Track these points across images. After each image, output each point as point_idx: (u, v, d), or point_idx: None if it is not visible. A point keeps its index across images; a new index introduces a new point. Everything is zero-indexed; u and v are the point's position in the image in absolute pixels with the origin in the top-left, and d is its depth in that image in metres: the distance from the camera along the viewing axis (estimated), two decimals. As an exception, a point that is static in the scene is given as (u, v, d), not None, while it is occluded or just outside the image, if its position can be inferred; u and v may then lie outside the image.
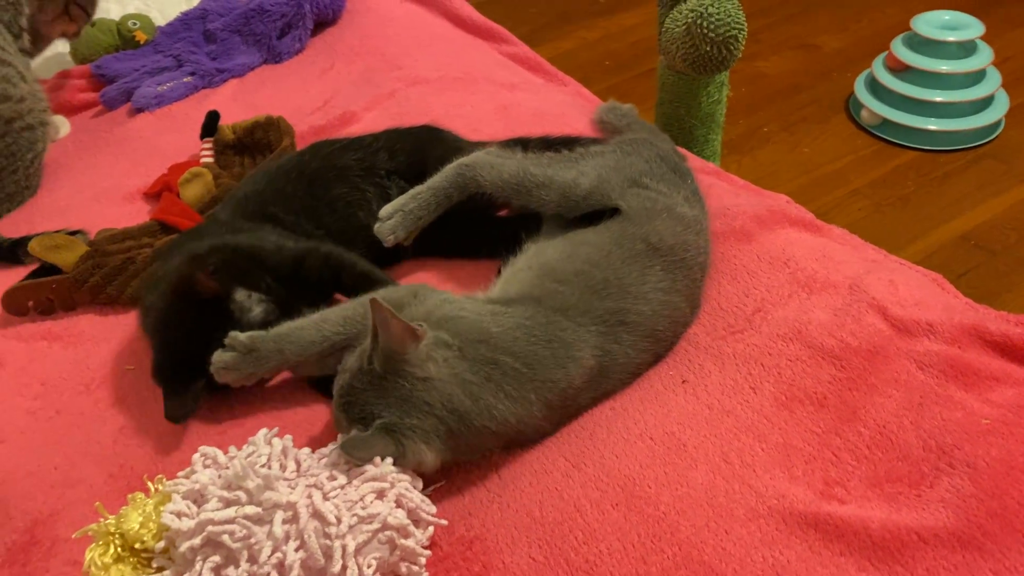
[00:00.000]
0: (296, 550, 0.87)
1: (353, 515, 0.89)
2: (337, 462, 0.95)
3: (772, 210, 1.33)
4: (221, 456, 0.96)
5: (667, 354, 1.15)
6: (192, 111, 1.78)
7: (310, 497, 0.90)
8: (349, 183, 1.34)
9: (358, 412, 0.97)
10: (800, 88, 2.69)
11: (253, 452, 0.96)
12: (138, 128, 1.79)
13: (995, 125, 2.46)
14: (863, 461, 1.00)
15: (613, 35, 3.00)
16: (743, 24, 1.68)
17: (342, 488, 0.92)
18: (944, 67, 2.40)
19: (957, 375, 1.08)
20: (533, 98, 1.72)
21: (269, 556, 0.87)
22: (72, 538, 0.99)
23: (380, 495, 0.92)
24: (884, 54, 2.53)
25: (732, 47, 1.69)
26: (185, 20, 2.00)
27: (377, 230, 1.25)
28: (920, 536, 0.92)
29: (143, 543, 0.90)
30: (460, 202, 1.26)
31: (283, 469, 0.94)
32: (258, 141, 1.60)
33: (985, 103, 2.46)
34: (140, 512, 0.91)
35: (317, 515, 0.89)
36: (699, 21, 1.66)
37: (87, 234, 1.44)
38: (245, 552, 0.87)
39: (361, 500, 0.91)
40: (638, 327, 1.10)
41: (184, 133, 1.70)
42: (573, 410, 1.08)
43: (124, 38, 2.00)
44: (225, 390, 1.11)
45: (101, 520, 0.92)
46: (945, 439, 1.01)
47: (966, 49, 2.43)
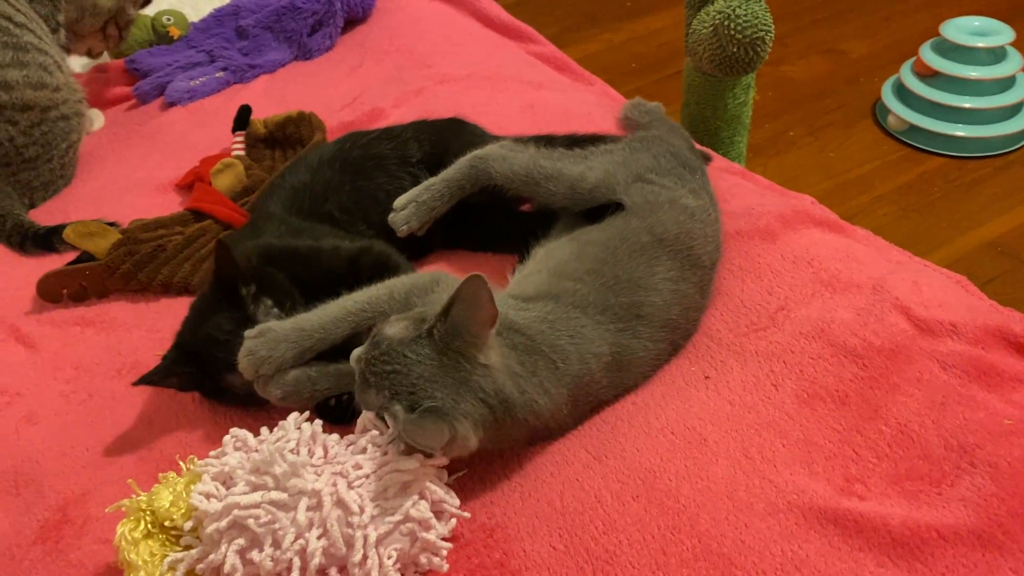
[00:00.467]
0: (319, 538, 0.88)
1: (376, 505, 0.90)
2: (366, 448, 0.95)
3: (796, 210, 1.33)
4: (251, 439, 0.98)
5: (684, 343, 1.16)
6: (223, 106, 1.81)
7: (335, 485, 0.91)
8: (388, 172, 1.36)
9: (403, 385, 0.93)
10: (826, 93, 2.68)
11: (282, 436, 0.97)
12: (170, 122, 1.82)
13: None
14: (884, 459, 1.00)
15: (639, 38, 3.00)
16: (770, 26, 1.68)
17: (367, 477, 0.92)
18: (973, 73, 2.39)
19: (980, 375, 1.07)
20: (559, 97, 1.72)
21: (292, 542, 0.88)
22: (104, 514, 1.01)
23: (405, 487, 0.92)
24: (912, 59, 2.52)
25: (759, 48, 1.69)
26: (218, 16, 2.03)
27: (391, 220, 1.27)
28: (940, 534, 0.92)
29: (172, 521, 0.92)
30: (489, 195, 1.28)
31: (311, 455, 0.95)
32: (289, 136, 1.61)
33: (1014, 110, 2.44)
34: (171, 490, 0.93)
35: (341, 504, 0.90)
36: (726, 22, 1.67)
37: (120, 227, 1.45)
38: (269, 537, 0.89)
39: (385, 491, 0.91)
40: (653, 319, 1.10)
41: (215, 127, 1.72)
42: (594, 404, 1.08)
43: (158, 33, 2.04)
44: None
45: (133, 496, 0.94)
46: (967, 438, 1.01)
47: (996, 55, 2.42)
